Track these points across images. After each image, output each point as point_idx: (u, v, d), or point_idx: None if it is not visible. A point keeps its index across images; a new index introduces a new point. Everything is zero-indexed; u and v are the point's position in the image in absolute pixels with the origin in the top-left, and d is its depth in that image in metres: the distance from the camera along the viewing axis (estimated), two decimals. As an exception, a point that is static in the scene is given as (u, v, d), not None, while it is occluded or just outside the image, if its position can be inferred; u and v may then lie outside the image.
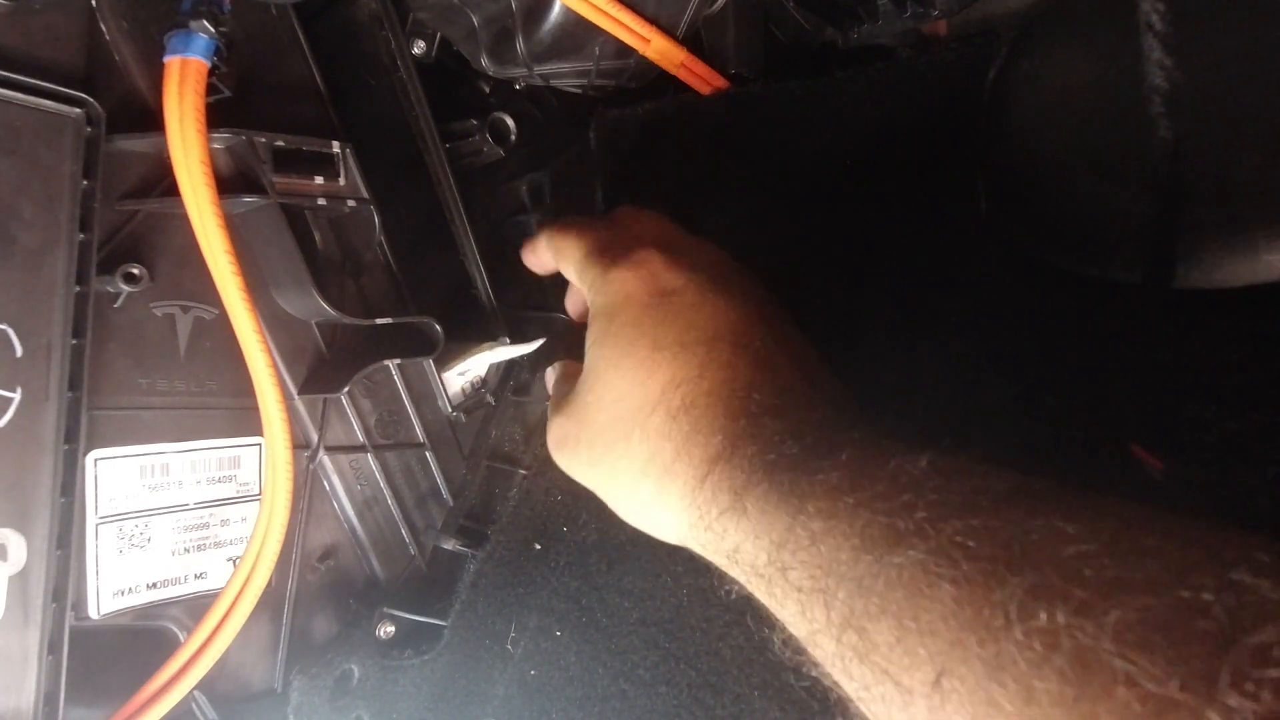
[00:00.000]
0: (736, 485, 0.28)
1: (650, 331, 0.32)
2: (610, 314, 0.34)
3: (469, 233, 0.51)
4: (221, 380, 0.45)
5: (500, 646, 0.52)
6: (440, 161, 0.50)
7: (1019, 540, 0.20)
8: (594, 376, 0.34)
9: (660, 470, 0.31)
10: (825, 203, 0.48)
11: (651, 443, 0.31)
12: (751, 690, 0.46)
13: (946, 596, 0.20)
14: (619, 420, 0.32)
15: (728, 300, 0.33)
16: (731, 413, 0.30)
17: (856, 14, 0.48)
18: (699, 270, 0.34)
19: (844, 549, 0.24)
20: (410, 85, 0.49)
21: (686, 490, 0.30)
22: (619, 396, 0.32)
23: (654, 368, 0.32)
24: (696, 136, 0.50)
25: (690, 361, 0.31)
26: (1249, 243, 0.30)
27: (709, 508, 0.29)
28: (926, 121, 0.45)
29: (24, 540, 0.37)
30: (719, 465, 0.29)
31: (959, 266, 0.43)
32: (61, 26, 0.39)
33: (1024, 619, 0.19)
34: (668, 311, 0.33)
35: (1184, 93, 0.28)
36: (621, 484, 0.32)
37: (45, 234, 0.37)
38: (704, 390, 0.30)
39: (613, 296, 0.34)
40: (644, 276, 0.34)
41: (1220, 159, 0.31)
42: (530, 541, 0.52)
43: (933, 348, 0.42)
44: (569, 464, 0.35)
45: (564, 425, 0.35)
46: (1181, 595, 0.17)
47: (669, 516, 0.31)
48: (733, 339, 0.32)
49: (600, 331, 0.34)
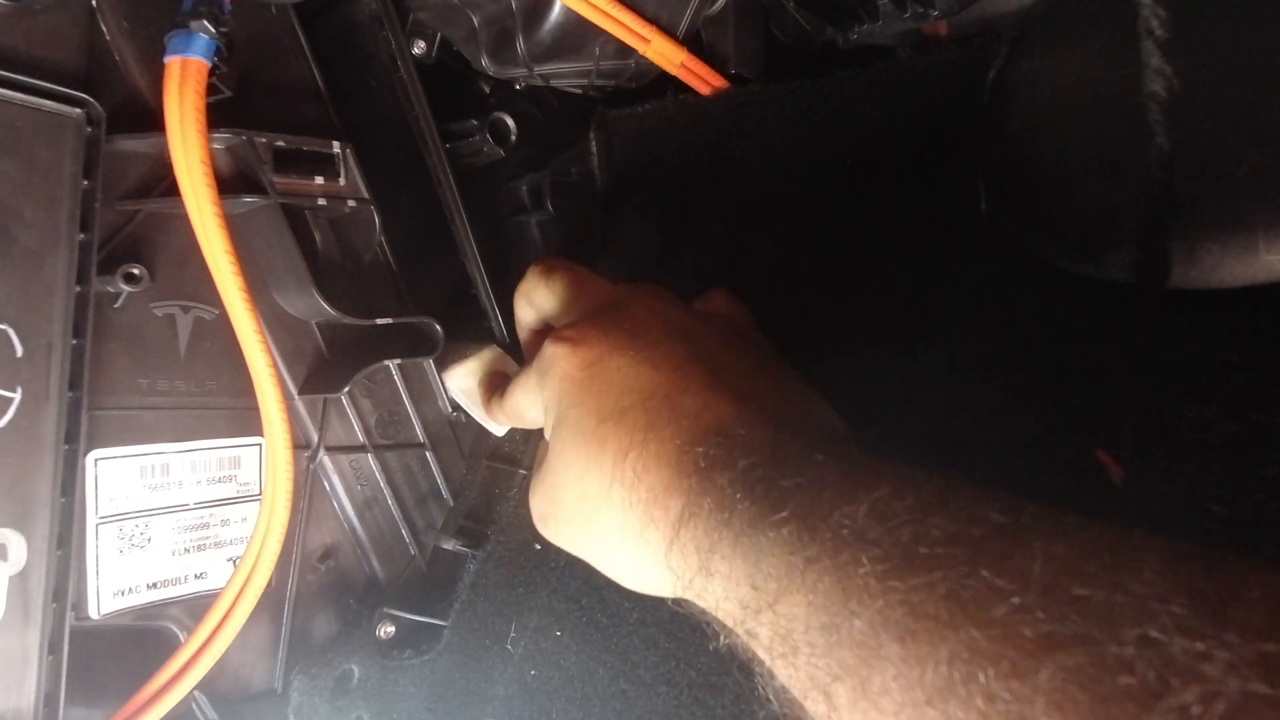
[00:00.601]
0: (702, 547, 0.28)
1: (592, 405, 0.32)
2: (555, 398, 0.34)
3: (469, 233, 0.51)
4: (221, 380, 0.45)
5: (500, 646, 0.52)
6: (440, 161, 0.50)
7: (958, 595, 0.20)
8: (554, 457, 0.34)
9: (634, 538, 0.31)
10: (825, 203, 0.48)
11: (618, 514, 0.31)
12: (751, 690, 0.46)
13: (895, 656, 0.21)
14: (585, 497, 0.32)
15: (652, 354, 0.33)
16: (683, 471, 0.29)
17: (856, 14, 0.48)
18: (616, 330, 0.34)
19: (800, 608, 0.24)
20: (410, 85, 0.49)
21: (659, 555, 0.30)
22: (579, 475, 0.32)
23: (602, 441, 0.31)
24: (696, 136, 0.50)
25: (634, 427, 0.31)
26: (1248, 243, 0.30)
27: (683, 570, 0.29)
28: (926, 121, 0.45)
29: (24, 540, 0.37)
30: (684, 527, 0.29)
31: (959, 266, 0.43)
32: (62, 27, 0.39)
33: (966, 680, 0.19)
34: (599, 381, 0.33)
35: (1182, 101, 0.28)
36: (606, 556, 0.33)
37: (45, 234, 0.37)
38: (652, 453, 0.30)
39: (551, 384, 0.34)
40: (565, 355, 0.34)
41: (1219, 159, 0.31)
42: (530, 541, 0.52)
43: (932, 347, 0.42)
44: (554, 538, 0.36)
45: (541, 505, 0.36)
46: (1108, 650, 0.17)
47: (654, 580, 0.31)
48: (664, 394, 0.31)
49: (553, 418, 0.34)
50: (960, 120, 0.43)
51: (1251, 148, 0.30)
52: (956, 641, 0.20)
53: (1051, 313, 0.39)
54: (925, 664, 0.20)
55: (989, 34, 0.43)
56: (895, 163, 0.46)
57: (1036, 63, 0.40)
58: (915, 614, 0.21)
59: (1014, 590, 0.20)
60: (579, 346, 0.34)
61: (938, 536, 0.22)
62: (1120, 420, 0.33)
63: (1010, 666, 0.18)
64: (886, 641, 0.21)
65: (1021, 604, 0.19)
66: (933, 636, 0.20)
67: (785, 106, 0.49)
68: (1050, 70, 0.39)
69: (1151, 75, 0.27)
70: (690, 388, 0.31)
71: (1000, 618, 0.19)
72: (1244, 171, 0.30)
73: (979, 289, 0.42)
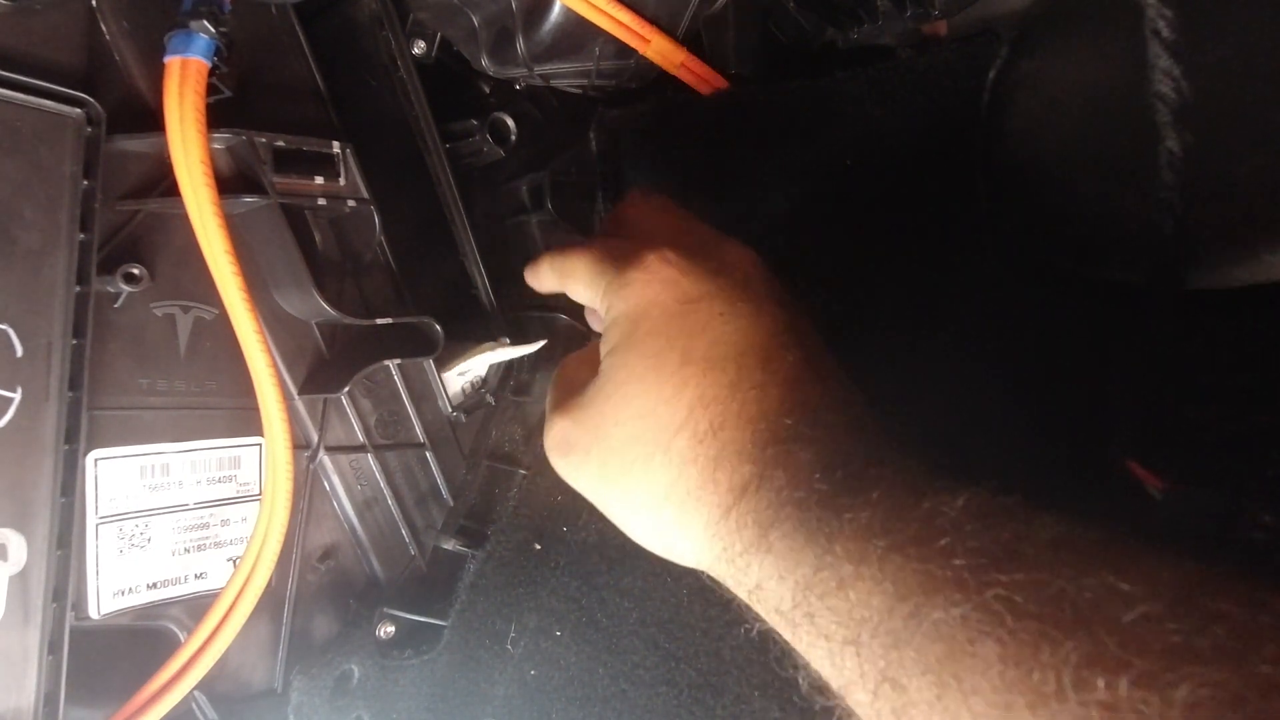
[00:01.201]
0: (763, 520, 0.26)
1: (679, 343, 0.30)
2: (633, 320, 0.31)
3: (469, 233, 0.51)
4: (221, 380, 0.45)
5: (500, 646, 0.52)
6: (440, 161, 0.50)
7: (1071, 598, 0.19)
8: (612, 385, 0.31)
9: (683, 495, 0.29)
10: (825, 203, 0.48)
11: (675, 467, 0.29)
12: (751, 690, 0.46)
13: (992, 655, 0.19)
14: (639, 439, 0.30)
15: (757, 310, 0.31)
16: (761, 439, 0.28)
17: (856, 14, 0.48)
18: (724, 275, 0.31)
19: (875, 596, 0.22)
20: (410, 85, 0.48)
21: (711, 520, 0.28)
22: (641, 412, 0.30)
23: (682, 384, 0.29)
24: (696, 136, 0.50)
25: (720, 379, 0.29)
26: (1249, 243, 0.30)
27: (733, 541, 0.27)
28: (926, 121, 0.45)
29: (24, 540, 0.37)
30: (746, 496, 0.27)
31: (959, 266, 0.43)
32: (62, 26, 0.39)
33: (1080, 688, 0.17)
34: (695, 321, 0.30)
35: (1190, 102, 0.28)
36: (639, 507, 0.30)
37: (46, 234, 0.37)
38: (734, 412, 0.28)
39: (634, 302, 0.31)
40: (666, 281, 0.31)
41: (1221, 160, 0.31)
42: (530, 541, 0.52)
43: (933, 347, 0.42)
44: (573, 473, 0.33)
45: (569, 430, 0.32)
46: (1260, 670, 0.16)
47: (689, 545, 0.29)
48: (763, 355, 0.29)
49: (621, 338, 0.31)
50: (960, 120, 0.43)
51: (1253, 148, 0.30)
52: (1071, 646, 0.18)
53: (1052, 313, 0.39)
54: (1029, 666, 0.18)
55: (989, 34, 0.43)
56: (895, 163, 0.46)
57: (1036, 63, 0.40)
58: (1018, 612, 0.19)
59: (1141, 596, 0.18)
60: (686, 275, 0.31)
61: (1045, 537, 0.21)
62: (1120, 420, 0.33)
63: (1138, 676, 0.17)
64: (981, 638, 0.19)
65: (1150, 612, 0.18)
66: (1039, 638, 0.19)
67: (785, 106, 0.49)
68: (1050, 70, 0.39)
69: (1159, 76, 0.27)
70: (786, 357, 0.30)
71: (1127, 623, 0.18)
72: (1246, 172, 0.30)
73: (979, 289, 0.42)
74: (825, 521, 0.25)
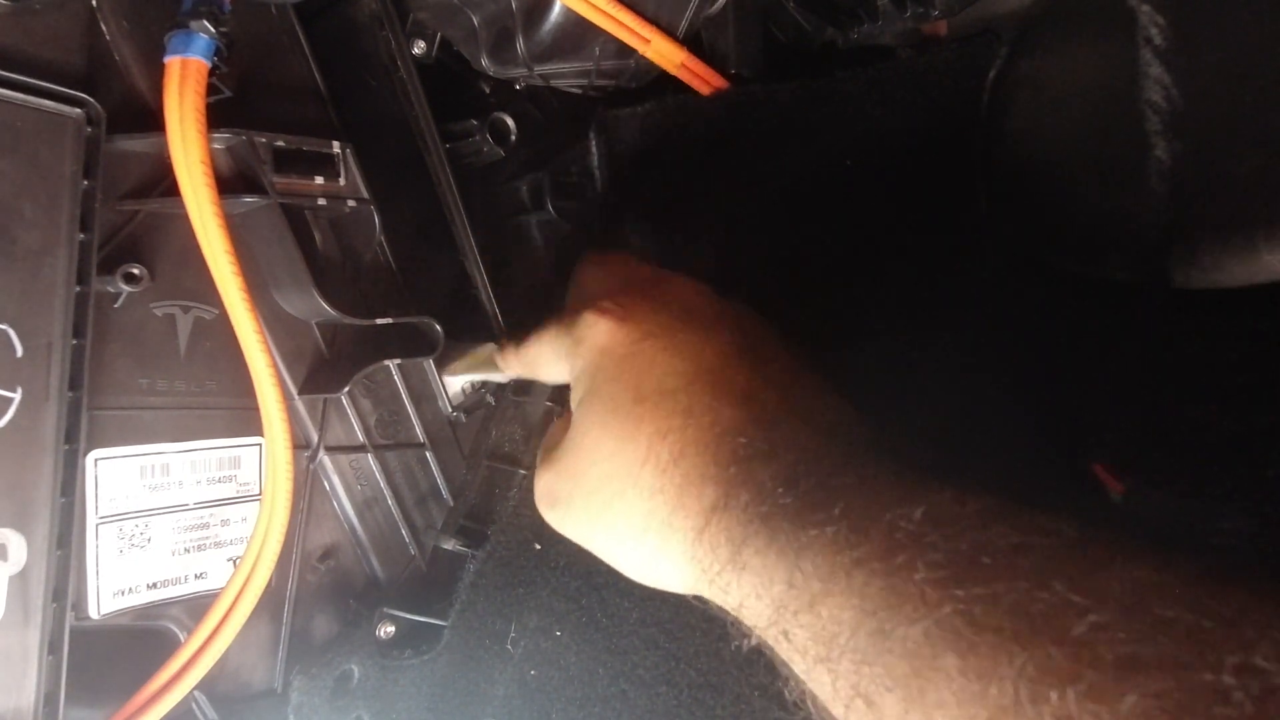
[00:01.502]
0: (734, 538, 0.27)
1: (630, 382, 0.31)
2: (590, 373, 0.33)
3: (469, 233, 0.51)
4: (221, 380, 0.45)
5: (500, 646, 0.52)
6: (440, 161, 0.50)
7: (1025, 609, 0.19)
8: (581, 433, 0.32)
9: (660, 524, 0.30)
10: (825, 203, 0.48)
11: (647, 498, 0.30)
12: (751, 690, 0.46)
13: (953, 669, 0.19)
14: (611, 477, 0.31)
15: (703, 338, 0.32)
16: (722, 460, 0.28)
17: (856, 14, 0.48)
18: (664, 311, 0.33)
19: (845, 610, 0.23)
20: (410, 85, 0.48)
21: (686, 543, 0.29)
22: (609, 453, 0.31)
23: (639, 420, 0.30)
24: (696, 136, 0.50)
25: (673, 409, 0.30)
26: (1248, 243, 0.30)
27: (710, 561, 0.28)
28: (927, 121, 0.45)
29: (24, 540, 0.37)
30: (715, 516, 0.28)
31: (959, 266, 0.43)
32: (62, 26, 0.39)
33: (1034, 700, 0.18)
34: (642, 360, 0.31)
35: (1181, 110, 0.27)
36: (622, 541, 0.31)
37: (46, 234, 0.37)
38: (691, 439, 0.29)
39: (587, 356, 0.33)
40: (607, 330, 0.32)
41: (1220, 160, 0.31)
42: (530, 541, 0.52)
43: (932, 347, 0.42)
44: (562, 521, 0.34)
45: (553, 482, 0.34)
46: (1202, 678, 0.16)
47: (674, 571, 0.30)
48: (711, 379, 0.30)
49: (584, 390, 0.33)
50: (960, 120, 0.43)
51: (1253, 148, 0.30)
52: (1025, 658, 0.18)
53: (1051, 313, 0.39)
54: (988, 679, 0.19)
55: (989, 34, 0.43)
56: (895, 163, 0.46)
57: (1036, 63, 0.40)
58: (976, 625, 0.20)
59: (1091, 607, 0.18)
60: (625, 321, 0.33)
61: (1002, 546, 0.21)
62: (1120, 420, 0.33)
63: (1088, 688, 0.17)
64: (944, 653, 0.20)
65: (1100, 622, 0.18)
66: (996, 651, 0.19)
67: (785, 106, 0.49)
68: (1051, 71, 0.39)
69: (1150, 84, 0.27)
70: (736, 377, 0.31)
71: (1077, 635, 0.18)
72: (1245, 172, 0.30)
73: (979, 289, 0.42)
74: (793, 536, 0.25)
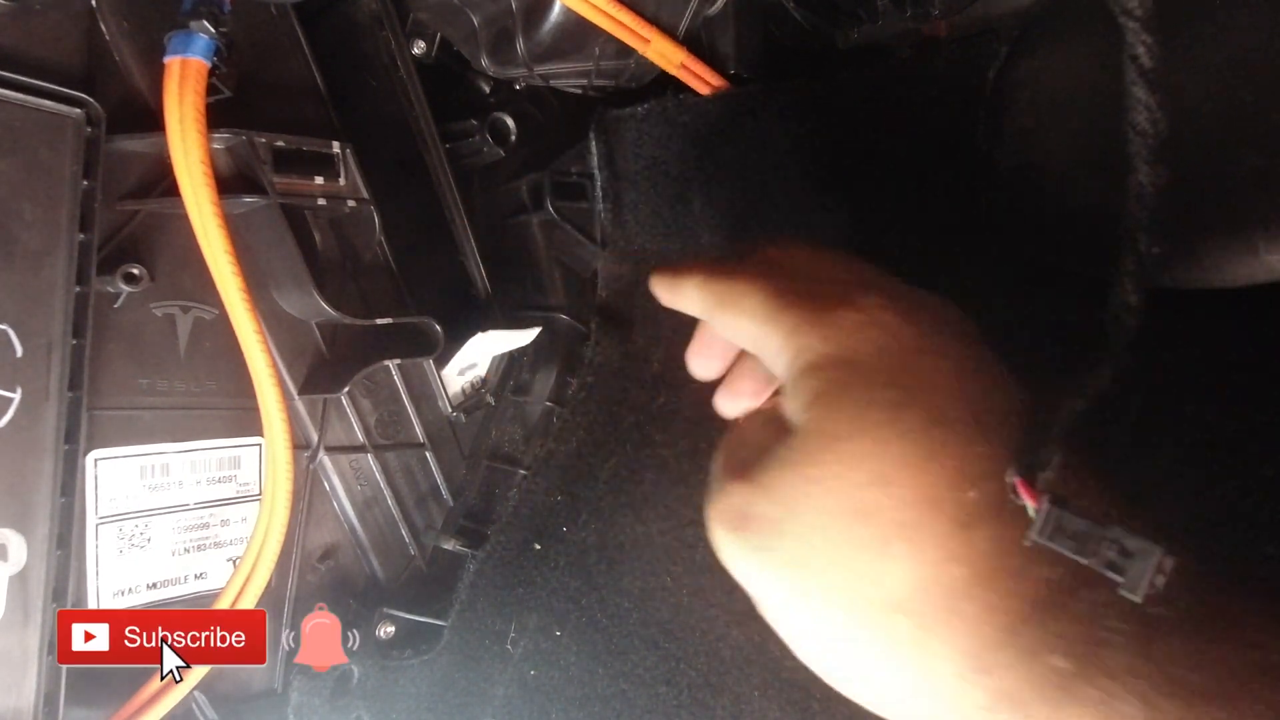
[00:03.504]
0: (1076, 649, 0.20)
1: (920, 398, 0.23)
2: (847, 366, 0.24)
3: (469, 233, 0.51)
4: (221, 380, 0.45)
5: (500, 646, 0.52)
6: (440, 161, 0.50)
7: None
8: (821, 445, 0.23)
9: (937, 604, 0.21)
10: (825, 203, 0.48)
11: (929, 562, 0.21)
12: (751, 690, 0.46)
13: None
14: (869, 515, 0.22)
15: (997, 373, 0.25)
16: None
17: (856, 14, 0.48)
18: (949, 327, 0.26)
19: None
20: (410, 85, 0.49)
21: (984, 646, 0.20)
22: (874, 479, 0.22)
23: (935, 447, 0.22)
24: (696, 136, 0.50)
25: (984, 451, 0.22)
26: (1248, 243, 0.30)
27: (1019, 684, 0.20)
28: (926, 122, 0.45)
29: (24, 540, 0.37)
30: (1050, 610, 0.20)
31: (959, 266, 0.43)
32: (62, 26, 0.39)
33: None
34: (936, 375, 0.24)
35: (1166, 138, 0.26)
36: (851, 612, 0.22)
37: (45, 234, 0.37)
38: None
39: (846, 344, 0.25)
40: (887, 325, 0.25)
41: (1219, 159, 0.31)
42: (530, 541, 0.52)
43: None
44: (752, 555, 0.24)
45: (754, 501, 0.24)
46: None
47: (926, 682, 0.22)
48: (1019, 418, 0.24)
49: (828, 385, 0.24)
50: (960, 120, 0.43)
51: (1251, 148, 0.30)
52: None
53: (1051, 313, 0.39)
54: None
55: (989, 34, 0.43)
56: (895, 163, 0.46)
57: (1036, 63, 0.40)
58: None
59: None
60: (907, 325, 0.25)
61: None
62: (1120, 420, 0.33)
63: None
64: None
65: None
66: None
67: (785, 106, 0.49)
68: (1051, 70, 0.39)
69: (1136, 106, 0.26)
70: (1052, 429, 0.23)
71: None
72: (1244, 172, 0.30)
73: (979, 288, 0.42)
74: (1174, 660, 0.19)
